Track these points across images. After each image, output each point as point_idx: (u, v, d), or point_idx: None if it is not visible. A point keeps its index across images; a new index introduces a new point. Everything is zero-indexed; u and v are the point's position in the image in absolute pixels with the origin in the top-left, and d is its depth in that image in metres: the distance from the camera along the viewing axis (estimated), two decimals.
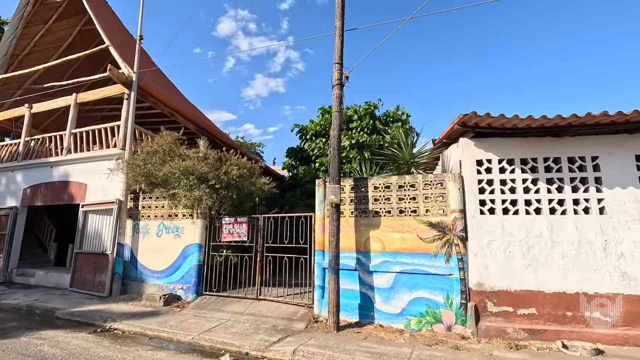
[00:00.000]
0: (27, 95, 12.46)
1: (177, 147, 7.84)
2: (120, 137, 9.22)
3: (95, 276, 8.40)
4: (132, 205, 8.62)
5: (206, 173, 7.15)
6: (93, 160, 9.50)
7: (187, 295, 7.50)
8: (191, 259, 7.64)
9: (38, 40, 12.21)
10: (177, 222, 8.00)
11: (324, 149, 11.52)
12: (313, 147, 11.91)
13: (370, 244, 6.08)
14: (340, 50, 6.52)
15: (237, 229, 7.48)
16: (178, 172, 7.04)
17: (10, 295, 8.34)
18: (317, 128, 12.39)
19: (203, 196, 6.97)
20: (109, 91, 10.08)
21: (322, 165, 11.30)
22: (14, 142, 11.64)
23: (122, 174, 8.67)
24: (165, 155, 7.62)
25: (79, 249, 9.02)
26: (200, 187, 7.06)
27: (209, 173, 7.17)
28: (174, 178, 7.14)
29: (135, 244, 8.38)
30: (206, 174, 7.15)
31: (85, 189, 9.47)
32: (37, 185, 10.42)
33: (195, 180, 7.06)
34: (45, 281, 9.63)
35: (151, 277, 8.06)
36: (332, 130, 6.28)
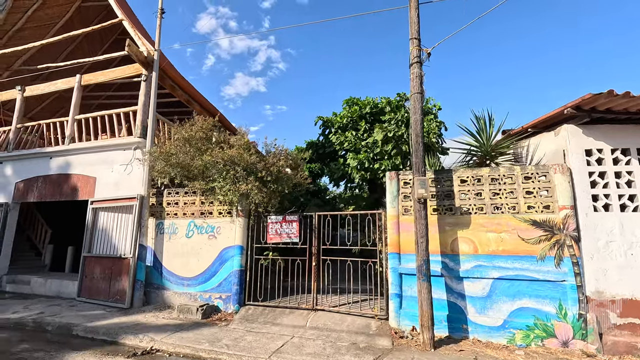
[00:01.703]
0: (16, 77, 10.98)
1: (215, 135, 6.79)
2: (138, 123, 8.04)
3: (112, 284, 7.20)
4: (155, 202, 7.47)
5: (254, 163, 6.15)
6: (103, 150, 8.25)
7: (228, 306, 6.46)
8: (230, 263, 6.60)
9: (31, 15, 10.73)
10: (212, 221, 6.93)
11: (356, 143, 10.64)
12: (342, 141, 11.01)
13: (458, 246, 5.28)
14: (417, 24, 5.71)
15: (287, 229, 6.51)
16: (222, 162, 6.00)
17: (6, 308, 7.01)
18: (343, 121, 11.51)
19: (252, 190, 5.95)
20: (121, 72, 8.84)
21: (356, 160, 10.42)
22: (1, 130, 10.15)
23: (142, 166, 7.53)
24: (200, 144, 6.55)
25: (88, 252, 7.77)
26: (247, 180, 6.04)
27: (257, 163, 6.16)
28: (216, 169, 6.09)
29: (160, 246, 7.24)
30: (254, 165, 6.14)
31: (93, 183, 8.21)
32: (32, 179, 9.03)
33: (242, 172, 6.04)
34: (44, 289, 8.29)
35: (180, 285, 6.95)
36: (412, 114, 5.44)
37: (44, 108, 13.21)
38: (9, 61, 11.13)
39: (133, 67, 8.62)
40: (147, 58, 8.10)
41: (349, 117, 11.66)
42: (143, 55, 8.05)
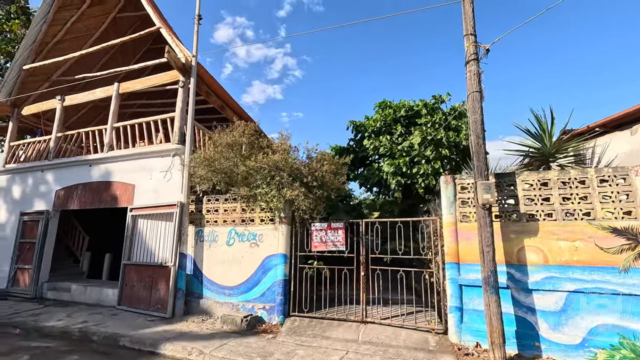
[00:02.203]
0: (54, 87, 11.24)
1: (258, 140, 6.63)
2: (176, 130, 8.00)
3: (152, 292, 7.10)
4: (194, 209, 7.36)
5: (298, 168, 5.94)
6: (142, 157, 8.25)
7: (272, 317, 6.22)
8: (274, 272, 6.37)
9: (70, 27, 11.00)
10: (254, 229, 6.74)
11: (392, 147, 10.32)
12: (377, 146, 10.71)
13: (525, 255, 4.87)
14: (472, 19, 5.40)
15: (332, 237, 6.24)
16: (267, 168, 5.81)
17: (50, 316, 7.02)
18: (377, 125, 11.21)
19: (298, 197, 5.73)
20: (158, 79, 8.88)
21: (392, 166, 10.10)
22: (42, 139, 10.38)
23: (181, 172, 7.46)
24: (242, 149, 6.40)
25: (127, 260, 7.72)
26: (292, 186, 5.83)
27: (301, 168, 5.95)
28: (260, 175, 5.91)
29: (200, 254, 7.11)
30: (299, 170, 5.93)
31: (132, 191, 8.20)
32: (72, 187, 9.13)
33: (287, 178, 5.83)
34: (84, 297, 8.30)
35: (221, 294, 6.77)
36: (471, 114, 5.11)
37: (80, 118, 13.52)
38: (49, 72, 11.42)
39: (170, 74, 8.63)
40: (185, 65, 8.07)
41: (382, 120, 11.36)
42: (181, 62, 8.03)
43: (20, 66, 10.67)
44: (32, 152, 10.40)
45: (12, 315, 7.15)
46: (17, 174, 10.20)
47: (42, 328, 6.32)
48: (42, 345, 5.38)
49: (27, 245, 9.24)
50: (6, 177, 10.40)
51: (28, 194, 9.80)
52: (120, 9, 11.72)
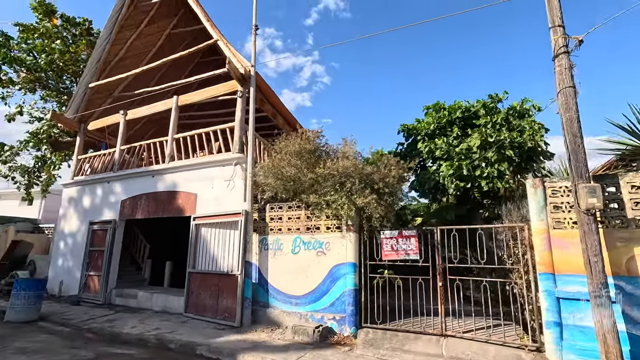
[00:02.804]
0: (115, 103, 11.88)
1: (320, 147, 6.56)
2: (236, 139, 8.12)
3: (219, 301, 7.16)
4: (257, 217, 7.38)
5: (369, 174, 5.76)
6: (203, 167, 8.44)
7: (343, 328, 6.04)
8: (343, 282, 6.20)
9: (130, 45, 11.63)
10: (320, 237, 6.62)
11: (450, 150, 9.91)
12: (432, 149, 10.33)
13: (637, 266, 4.37)
14: (559, 9, 5.01)
15: (404, 245, 5.98)
16: (337, 174, 5.69)
17: (123, 322, 7.26)
18: (430, 127, 10.84)
19: (370, 204, 5.54)
20: (216, 90, 9.11)
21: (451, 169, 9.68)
22: (107, 152, 10.96)
23: (243, 181, 7.53)
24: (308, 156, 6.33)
25: (192, 268, 7.87)
26: (364, 192, 5.66)
27: (373, 174, 5.77)
28: (330, 182, 5.79)
29: (264, 262, 7.09)
30: (369, 176, 5.75)
31: (194, 200, 8.39)
32: (136, 197, 9.52)
33: (358, 184, 5.67)
34: (150, 304, 8.55)
35: (287, 303, 6.69)
36: (564, 112, 4.70)
37: (136, 132, 14.18)
38: (111, 89, 12.09)
39: (228, 85, 8.82)
40: (244, 75, 8.20)
41: (436, 123, 10.96)
42: (239, 72, 8.17)
43: (86, 84, 11.37)
44: (98, 165, 11.00)
45: (89, 321, 7.46)
46: (86, 185, 10.82)
47: (118, 334, 6.53)
48: (125, 352, 5.52)
49: (96, 253, 9.71)
50: (76, 189, 11.06)
51: (96, 204, 10.34)
52: (174, 25, 12.25)
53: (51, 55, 12.47)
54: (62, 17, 13.12)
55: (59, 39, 13.09)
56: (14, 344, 5.72)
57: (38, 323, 7.46)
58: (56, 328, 7.06)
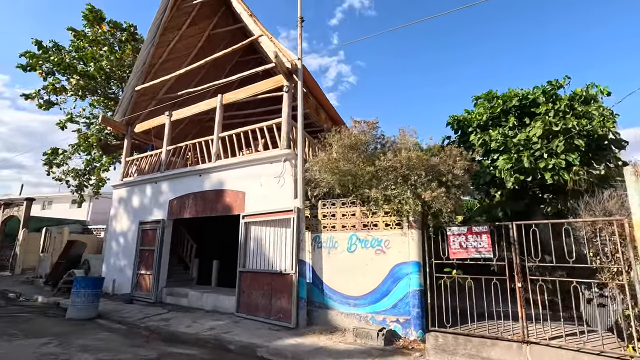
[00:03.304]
0: (160, 105, 12.11)
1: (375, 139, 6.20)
2: (283, 135, 7.92)
3: (272, 301, 6.97)
4: (309, 214, 7.13)
5: (436, 166, 5.33)
6: (251, 164, 8.31)
7: (408, 331, 5.64)
8: (406, 282, 5.80)
9: (172, 47, 11.80)
10: (378, 234, 6.26)
11: (507, 142, 9.22)
12: (486, 141, 9.67)
13: None
14: None
15: (474, 242, 5.49)
16: (400, 167, 5.31)
17: (177, 321, 7.23)
18: (483, 118, 10.15)
19: (438, 198, 5.11)
20: (261, 87, 8.98)
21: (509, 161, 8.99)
22: (153, 153, 11.16)
23: (292, 177, 7.31)
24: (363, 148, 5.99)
25: (242, 267, 7.74)
26: (430, 186, 5.23)
27: (439, 165, 5.33)
28: (392, 175, 5.42)
29: (318, 261, 6.82)
30: (437, 167, 5.32)
31: (242, 198, 8.27)
32: (184, 196, 9.57)
33: (425, 177, 5.26)
34: (201, 303, 8.53)
35: (345, 304, 6.37)
36: None
37: (178, 133, 14.41)
38: (155, 91, 12.34)
39: (274, 80, 8.65)
40: (290, 69, 7.99)
41: (489, 113, 10.26)
42: (286, 66, 7.96)
43: (132, 87, 11.66)
44: (145, 166, 11.22)
45: (144, 319, 7.51)
46: (134, 186, 11.07)
47: (174, 332, 6.48)
48: (186, 352, 5.41)
49: (146, 253, 9.86)
50: (125, 190, 11.34)
51: (145, 204, 10.54)
52: (214, 25, 12.32)
53: (100, 61, 12.93)
54: (110, 22, 13.60)
55: (106, 45, 13.57)
56: (78, 341, 5.78)
57: (97, 320, 7.61)
58: (114, 326, 7.15)
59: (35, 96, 13.60)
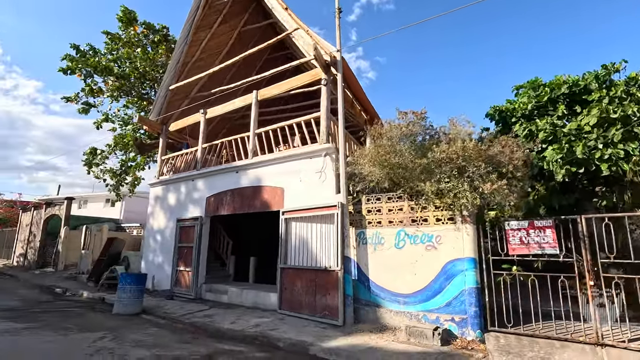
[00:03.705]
0: (193, 104, 12.23)
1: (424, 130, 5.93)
2: (322, 129, 7.76)
3: (316, 298, 6.84)
4: (352, 210, 6.94)
5: (494, 156, 5.02)
6: (289, 160, 8.20)
7: (465, 331, 5.36)
8: (461, 279, 5.52)
9: (204, 46, 11.86)
10: (428, 229, 6.00)
11: (557, 131, 8.70)
12: (533, 131, 9.16)
13: None
14: None
15: (537, 237, 5.16)
16: (457, 158, 5.03)
17: (221, 317, 7.23)
18: (528, 107, 9.63)
19: (500, 190, 4.81)
20: (297, 81, 8.85)
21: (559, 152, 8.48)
22: (188, 151, 11.28)
23: (333, 172, 7.14)
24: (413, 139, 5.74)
25: (284, 263, 7.66)
26: (489, 178, 4.93)
27: (497, 156, 5.02)
28: (447, 167, 5.15)
29: (363, 257, 6.63)
30: (495, 158, 5.01)
31: (281, 194, 8.19)
32: (221, 193, 9.60)
33: (484, 169, 4.96)
34: (241, 300, 8.52)
35: (393, 302, 6.16)
36: None
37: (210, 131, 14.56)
38: (188, 90, 12.46)
39: (311, 74, 8.51)
40: (328, 61, 7.81)
41: (535, 102, 9.73)
42: (324, 59, 7.79)
43: (167, 87, 11.81)
44: (181, 164, 11.36)
45: (187, 315, 7.56)
46: (170, 184, 11.22)
47: (219, 329, 6.46)
48: (236, 349, 5.36)
49: (185, 249, 9.97)
50: (161, 188, 11.53)
51: (181, 201, 10.66)
52: (244, 23, 12.29)
53: (134, 62, 13.21)
54: (143, 24, 13.87)
55: (140, 46, 13.85)
56: (130, 336, 5.85)
57: (142, 316, 7.73)
58: (160, 321, 7.23)
59: (74, 99, 14.06)
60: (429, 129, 6.13)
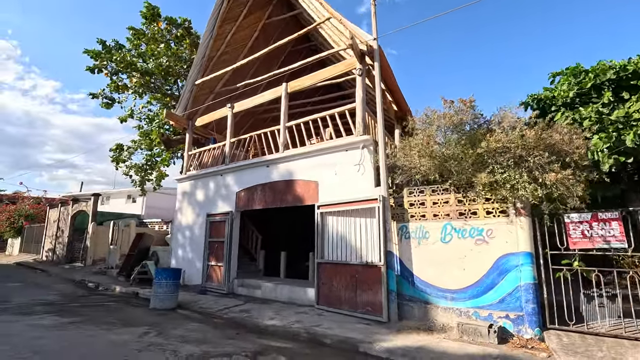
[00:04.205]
0: (218, 99, 12.16)
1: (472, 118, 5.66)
2: (359, 120, 7.55)
3: (357, 293, 6.69)
4: (393, 203, 6.73)
5: (554, 144, 4.72)
6: (323, 153, 8.03)
7: (520, 328, 5.13)
8: (515, 274, 5.27)
9: (229, 39, 11.73)
10: (478, 223, 5.75)
11: (603, 120, 8.27)
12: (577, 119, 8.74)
13: None
14: None
15: (601, 230, 4.86)
16: (517, 148, 4.76)
17: (257, 312, 7.14)
18: (570, 94, 9.19)
19: (565, 181, 4.52)
20: (329, 72, 8.66)
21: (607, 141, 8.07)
22: (215, 146, 11.22)
23: (371, 164, 6.94)
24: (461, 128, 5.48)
25: (320, 258, 7.52)
26: (552, 168, 4.65)
27: (558, 144, 4.72)
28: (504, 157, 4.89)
29: (406, 252, 6.42)
30: (556, 146, 4.72)
31: (315, 188, 8.03)
32: (251, 188, 9.51)
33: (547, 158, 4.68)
34: (275, 295, 8.44)
35: (440, 298, 5.95)
36: None
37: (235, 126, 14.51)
38: (213, 85, 12.39)
39: (343, 65, 8.31)
40: (364, 51, 7.57)
41: (577, 89, 9.27)
42: (359, 48, 7.55)
43: (192, 82, 11.76)
44: (208, 159, 11.33)
45: (224, 310, 7.51)
46: (198, 179, 11.21)
47: (258, 324, 6.37)
48: (283, 346, 5.25)
49: (216, 244, 9.95)
50: (189, 183, 11.53)
51: (210, 197, 10.63)
52: (269, 15, 12.10)
53: (158, 57, 13.21)
54: (166, 19, 13.84)
55: (163, 42, 13.84)
56: (173, 332, 5.81)
57: (178, 311, 7.72)
58: (198, 317, 7.19)
59: (100, 95, 14.18)
60: (477, 117, 5.84)
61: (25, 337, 5.27)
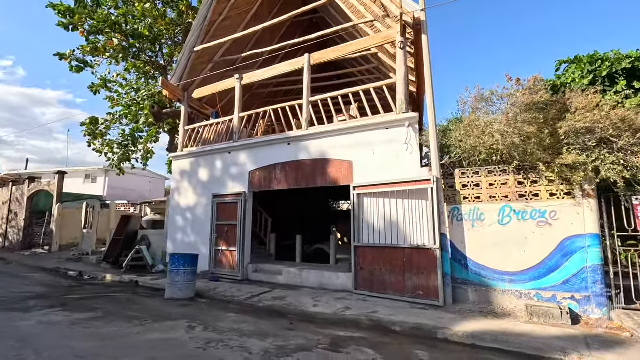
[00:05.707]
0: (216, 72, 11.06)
1: None
2: (401, 97, 7.13)
3: (405, 277, 6.43)
4: (443, 185, 6.48)
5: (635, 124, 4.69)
6: (358, 130, 7.54)
7: (587, 309, 5.18)
8: (580, 256, 5.29)
9: (234, 2, 10.59)
10: (540, 205, 5.67)
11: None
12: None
13: None
14: None
15: None
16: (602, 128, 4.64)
17: (293, 300, 6.63)
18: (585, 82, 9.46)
19: None
20: (364, 43, 8.05)
21: None
22: (219, 121, 10.23)
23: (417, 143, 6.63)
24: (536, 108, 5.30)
25: (357, 242, 7.15)
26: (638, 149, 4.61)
27: None
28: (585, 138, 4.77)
29: (459, 235, 6.24)
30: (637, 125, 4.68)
31: (349, 167, 7.56)
32: (269, 167, 8.78)
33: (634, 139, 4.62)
34: (300, 280, 7.95)
35: (498, 280, 5.87)
36: None
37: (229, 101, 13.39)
38: (212, 53, 11.20)
39: (379, 37, 7.75)
40: (408, 23, 7.09)
41: (591, 77, 9.55)
42: (403, 19, 7.05)
43: (190, 48, 10.54)
44: (210, 135, 10.33)
45: (252, 298, 6.92)
46: (200, 156, 10.20)
47: (305, 312, 5.92)
48: (355, 336, 4.84)
49: (226, 228, 9.17)
50: (188, 161, 10.47)
51: (217, 176, 9.72)
52: None
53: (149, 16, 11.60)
54: None
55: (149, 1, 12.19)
56: (220, 325, 5.19)
57: (197, 300, 7.03)
58: (229, 306, 6.56)
59: (69, 57, 12.30)
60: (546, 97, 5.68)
61: (50, 337, 4.39)
